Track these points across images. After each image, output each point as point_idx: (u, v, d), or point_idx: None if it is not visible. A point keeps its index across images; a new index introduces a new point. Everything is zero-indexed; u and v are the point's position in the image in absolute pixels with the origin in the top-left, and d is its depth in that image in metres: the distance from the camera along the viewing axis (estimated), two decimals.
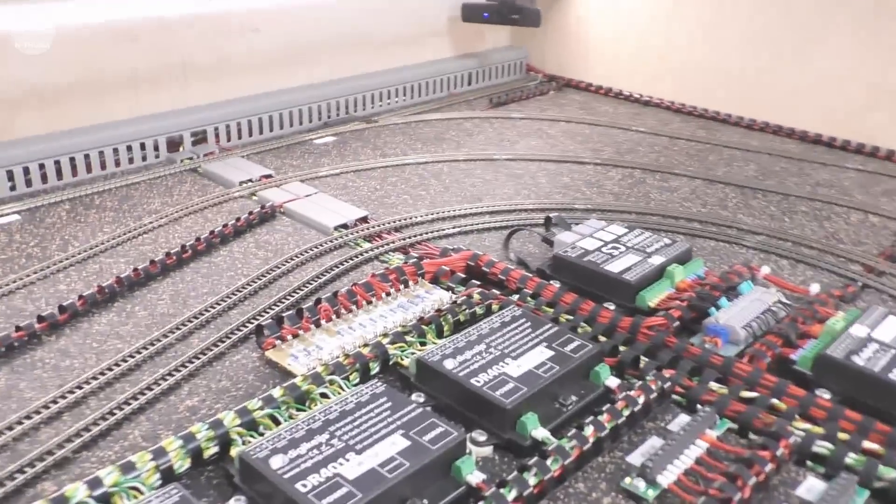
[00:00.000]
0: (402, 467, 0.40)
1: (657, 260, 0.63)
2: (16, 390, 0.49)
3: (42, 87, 0.80)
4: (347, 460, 0.40)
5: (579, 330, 0.56)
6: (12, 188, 0.77)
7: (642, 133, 1.03)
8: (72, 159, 0.81)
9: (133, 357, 0.52)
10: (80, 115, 0.83)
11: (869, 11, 0.94)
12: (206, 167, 0.85)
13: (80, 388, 0.49)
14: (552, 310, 0.58)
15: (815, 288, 0.62)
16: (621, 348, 0.54)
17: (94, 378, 0.50)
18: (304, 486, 0.38)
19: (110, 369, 0.51)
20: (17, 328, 0.53)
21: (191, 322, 0.56)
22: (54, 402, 0.48)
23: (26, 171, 0.78)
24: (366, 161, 0.90)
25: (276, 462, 0.40)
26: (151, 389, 0.49)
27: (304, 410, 0.46)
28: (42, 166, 0.79)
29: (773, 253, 0.71)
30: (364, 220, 0.75)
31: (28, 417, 0.46)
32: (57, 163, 0.79)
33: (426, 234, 0.72)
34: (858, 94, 0.97)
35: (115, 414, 0.47)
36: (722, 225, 0.77)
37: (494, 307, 0.58)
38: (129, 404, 0.48)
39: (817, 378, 0.51)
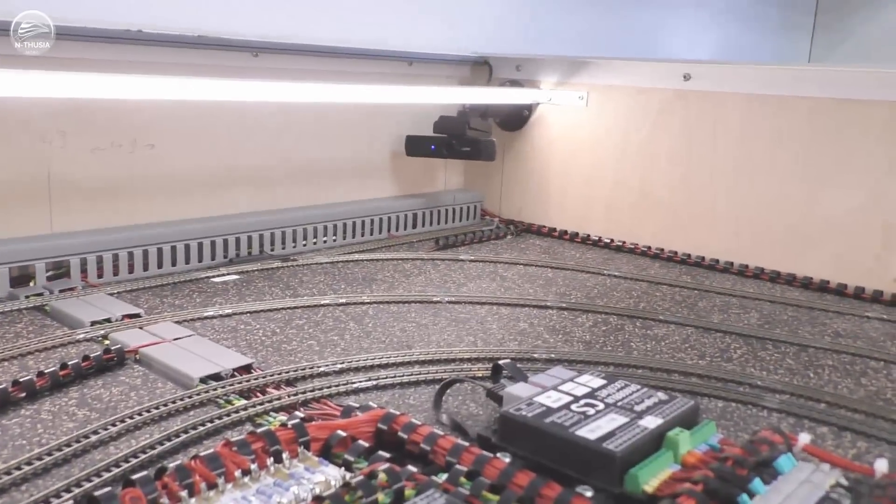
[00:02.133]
0: None
1: (652, 422, 0.43)
2: None
3: None
4: None
5: None
6: None
7: (616, 277, 0.87)
8: None
9: None
10: None
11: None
12: (55, 304, 0.65)
13: None
14: (497, 498, 0.37)
15: (881, 465, 0.42)
16: None
17: None
18: None
19: None
20: None
21: None
22: None
23: None
24: (269, 301, 0.71)
25: None
26: None
27: None
28: None
29: (804, 417, 0.52)
30: (247, 369, 0.55)
31: None
32: None
33: (329, 388, 0.52)
34: (872, 236, 0.82)
35: None
36: (730, 381, 0.58)
37: (409, 492, 0.37)
38: None
39: None
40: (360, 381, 0.53)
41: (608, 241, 1.01)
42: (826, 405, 0.54)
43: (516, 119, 1.09)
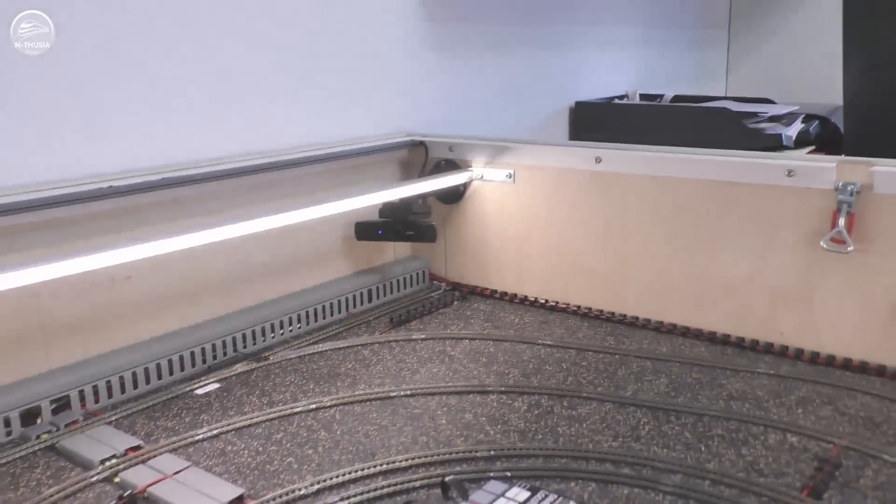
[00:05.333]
0: None
1: None
2: None
3: None
4: None
5: None
6: None
7: (549, 347, 0.99)
8: None
9: None
10: None
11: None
12: (64, 443, 0.76)
13: None
14: None
15: None
16: None
17: None
18: None
19: None
20: None
21: None
22: None
23: None
24: (250, 414, 0.82)
25: None
26: None
27: None
28: None
29: (691, 497, 0.65)
30: (240, 500, 0.66)
31: None
32: None
33: None
34: (762, 294, 0.96)
35: None
36: (635, 463, 0.71)
37: None
38: None
39: None
40: (334, 501, 0.65)
41: (543, 301, 1.14)
42: (710, 482, 0.67)
43: (453, 194, 1.21)
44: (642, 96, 1.88)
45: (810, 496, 0.64)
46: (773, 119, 1.57)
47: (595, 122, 1.71)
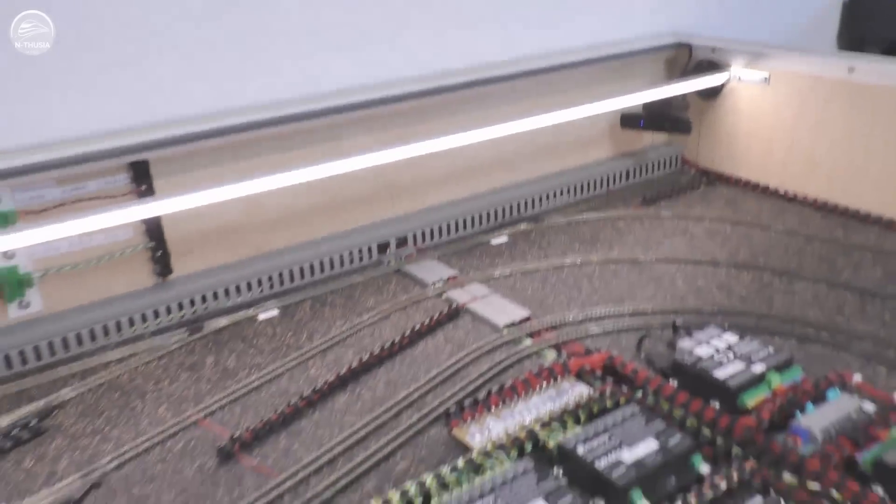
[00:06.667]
0: None
1: (759, 368, 0.78)
2: (290, 450, 0.74)
3: (292, 213, 1.08)
4: None
5: (688, 423, 0.73)
6: (271, 288, 1.05)
7: (780, 233, 1.17)
8: (311, 265, 1.08)
9: (364, 429, 0.76)
10: (319, 230, 1.10)
11: None
12: (406, 268, 1.10)
13: (330, 451, 0.73)
14: (667, 405, 0.76)
15: None
16: (718, 441, 0.71)
17: (340, 443, 0.74)
18: None
19: (348, 438, 0.74)
20: (288, 404, 0.79)
21: (399, 404, 0.79)
22: (315, 460, 0.72)
23: (280, 275, 1.05)
24: (531, 262, 1.11)
25: None
26: (376, 455, 0.72)
27: (480, 476, 0.67)
28: (291, 272, 1.06)
29: (875, 360, 0.84)
30: (527, 319, 0.95)
31: (293, 475, 0.70)
32: (301, 268, 1.07)
33: (575, 333, 0.91)
34: None
35: (351, 474, 0.70)
36: (834, 331, 0.90)
37: (622, 402, 0.76)
38: (363, 465, 0.71)
39: (875, 477, 0.65)
40: (593, 328, 0.92)
41: (783, 192, 1.30)
42: (894, 351, 0.85)
43: (711, 91, 1.37)
44: None
45: None
46: None
47: (873, 20, 1.70)
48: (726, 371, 0.78)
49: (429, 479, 0.66)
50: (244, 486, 0.69)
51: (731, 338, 0.84)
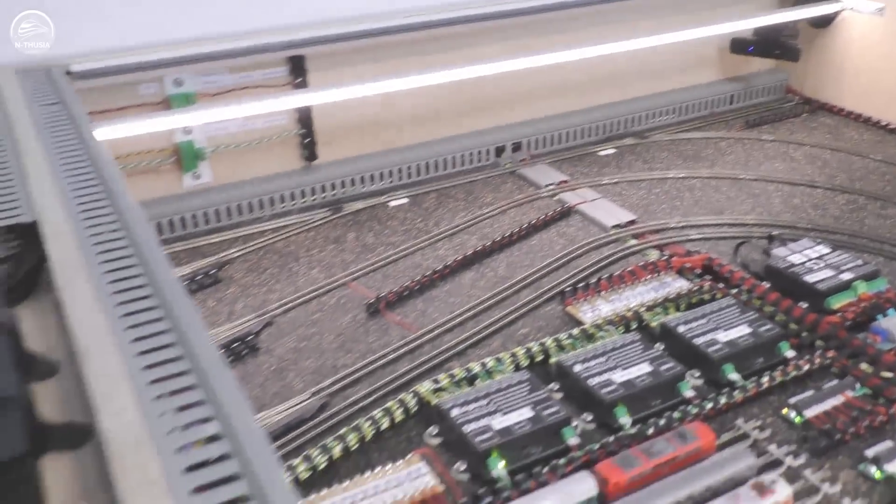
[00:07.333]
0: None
1: (847, 276, 0.86)
2: (426, 312, 0.87)
3: (422, 113, 1.18)
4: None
5: (777, 318, 0.83)
6: (400, 179, 1.17)
7: (878, 162, 1.22)
8: (435, 162, 1.19)
9: (488, 301, 0.88)
10: (444, 130, 1.21)
11: None
12: (520, 171, 1.20)
13: (460, 315, 0.85)
14: (759, 302, 0.85)
15: None
16: (804, 334, 0.80)
17: (469, 310, 0.86)
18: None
19: (475, 307, 0.87)
20: (423, 275, 0.91)
21: (520, 283, 0.91)
22: (448, 321, 0.84)
23: (409, 168, 1.17)
24: (637, 173, 1.19)
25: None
26: (500, 322, 0.84)
27: (599, 339, 0.78)
28: (419, 166, 1.18)
29: None
30: (632, 222, 1.05)
31: (430, 331, 0.83)
32: (427, 164, 1.18)
33: (676, 237, 1.00)
34: None
35: (480, 334, 0.82)
36: None
37: (718, 296, 0.86)
38: (489, 328, 0.83)
39: None
40: (693, 235, 1.01)
41: (885, 123, 1.34)
42: None
43: (823, 20, 1.40)
44: None
45: None
46: None
47: None
48: (816, 276, 0.87)
49: (549, 341, 0.78)
50: (390, 336, 0.83)
51: (823, 249, 0.92)
